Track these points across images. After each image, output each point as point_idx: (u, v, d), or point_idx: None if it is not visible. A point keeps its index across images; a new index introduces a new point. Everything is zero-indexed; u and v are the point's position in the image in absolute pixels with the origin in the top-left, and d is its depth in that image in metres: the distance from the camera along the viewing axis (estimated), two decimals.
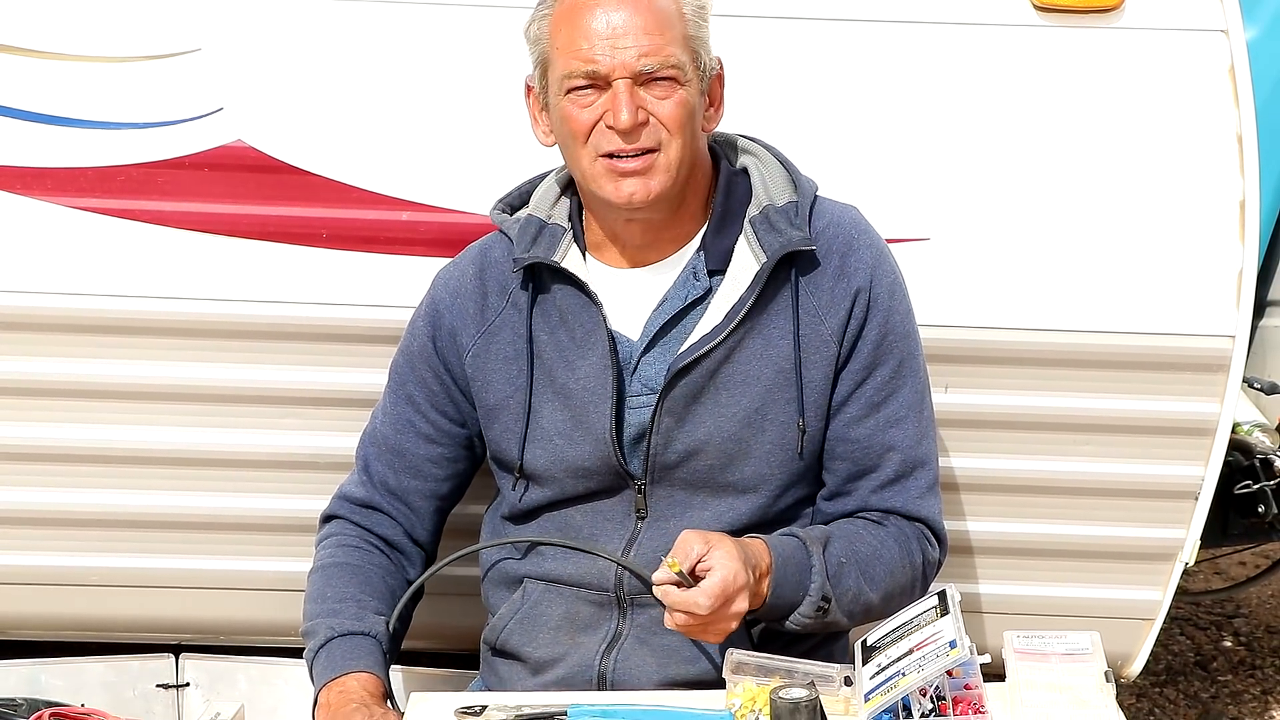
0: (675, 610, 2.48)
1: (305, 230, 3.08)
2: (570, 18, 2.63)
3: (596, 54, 2.60)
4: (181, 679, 3.37)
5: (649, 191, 2.64)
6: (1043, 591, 3.27)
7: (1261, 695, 4.71)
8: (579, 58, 2.61)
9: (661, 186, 2.64)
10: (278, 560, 3.20)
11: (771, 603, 2.60)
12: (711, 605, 2.46)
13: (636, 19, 2.59)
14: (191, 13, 3.07)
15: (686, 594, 2.47)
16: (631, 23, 2.59)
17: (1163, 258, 3.11)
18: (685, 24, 2.64)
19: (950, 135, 3.12)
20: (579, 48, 2.61)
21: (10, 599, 3.26)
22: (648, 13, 2.60)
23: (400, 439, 2.88)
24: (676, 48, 2.62)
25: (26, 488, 3.18)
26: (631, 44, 2.59)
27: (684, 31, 2.64)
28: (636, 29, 2.59)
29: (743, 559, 2.51)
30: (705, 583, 2.47)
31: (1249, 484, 3.64)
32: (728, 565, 2.48)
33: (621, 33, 2.59)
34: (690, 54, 2.64)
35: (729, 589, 2.48)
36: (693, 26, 2.65)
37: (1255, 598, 5.30)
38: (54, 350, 3.10)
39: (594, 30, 2.60)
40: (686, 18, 2.64)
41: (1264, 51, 3.43)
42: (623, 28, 2.59)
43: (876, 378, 2.75)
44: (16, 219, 3.05)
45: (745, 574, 2.50)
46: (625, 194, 2.64)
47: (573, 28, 2.62)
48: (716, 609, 2.47)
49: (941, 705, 2.28)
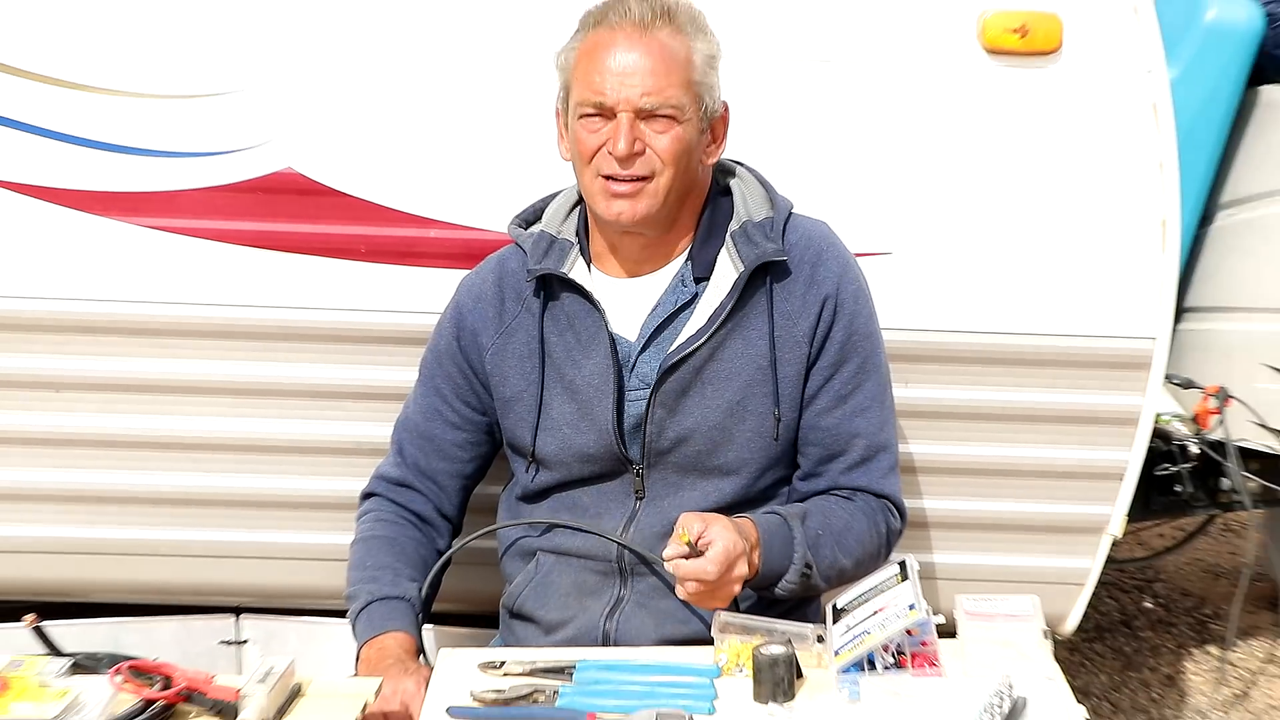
0: (687, 579, 2.50)
1: (346, 246, 3.09)
2: (592, 53, 2.65)
3: (606, 88, 2.62)
4: (241, 636, 3.38)
5: (635, 213, 2.66)
6: (990, 560, 3.29)
7: (1176, 649, 4.72)
8: (591, 89, 2.63)
9: (647, 210, 2.66)
10: (323, 533, 3.21)
11: (763, 572, 2.61)
12: (718, 571, 2.49)
13: (646, 61, 2.61)
14: (246, 56, 3.07)
15: (695, 563, 2.49)
16: (641, 64, 2.61)
17: (1095, 269, 3.13)
18: (692, 70, 2.65)
19: (911, 162, 3.13)
20: (593, 80, 2.63)
21: (96, 567, 3.27)
22: (657, 58, 2.62)
23: (430, 426, 2.90)
24: (679, 90, 2.63)
25: (114, 470, 3.19)
26: (637, 83, 2.61)
27: (689, 77, 2.65)
28: (644, 70, 2.61)
29: (737, 529, 2.54)
30: (710, 552, 2.49)
31: (1168, 467, 3.66)
32: (726, 536, 2.51)
33: (630, 72, 2.61)
34: (693, 96, 2.65)
35: (731, 555, 2.50)
36: (699, 73, 2.66)
37: (1172, 565, 5.31)
38: (139, 352, 3.11)
39: (608, 67, 2.62)
40: (694, 64, 2.65)
41: (1182, 90, 3.44)
42: (632, 68, 2.61)
43: (843, 373, 2.76)
44: (95, 237, 3.06)
45: (742, 543, 2.53)
46: (614, 212, 2.66)
47: (591, 62, 2.64)
48: (722, 574, 2.50)
49: (901, 659, 2.31)
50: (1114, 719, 4.28)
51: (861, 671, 2.30)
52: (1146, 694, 4.44)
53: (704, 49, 2.68)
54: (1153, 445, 3.38)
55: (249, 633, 3.39)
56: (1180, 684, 4.50)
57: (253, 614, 3.40)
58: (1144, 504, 3.72)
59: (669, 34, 2.64)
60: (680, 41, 2.65)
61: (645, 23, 2.63)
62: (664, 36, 2.63)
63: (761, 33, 3.11)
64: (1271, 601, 4.81)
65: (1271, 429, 3.81)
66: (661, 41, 2.63)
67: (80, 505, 3.22)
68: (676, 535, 2.50)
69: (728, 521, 2.56)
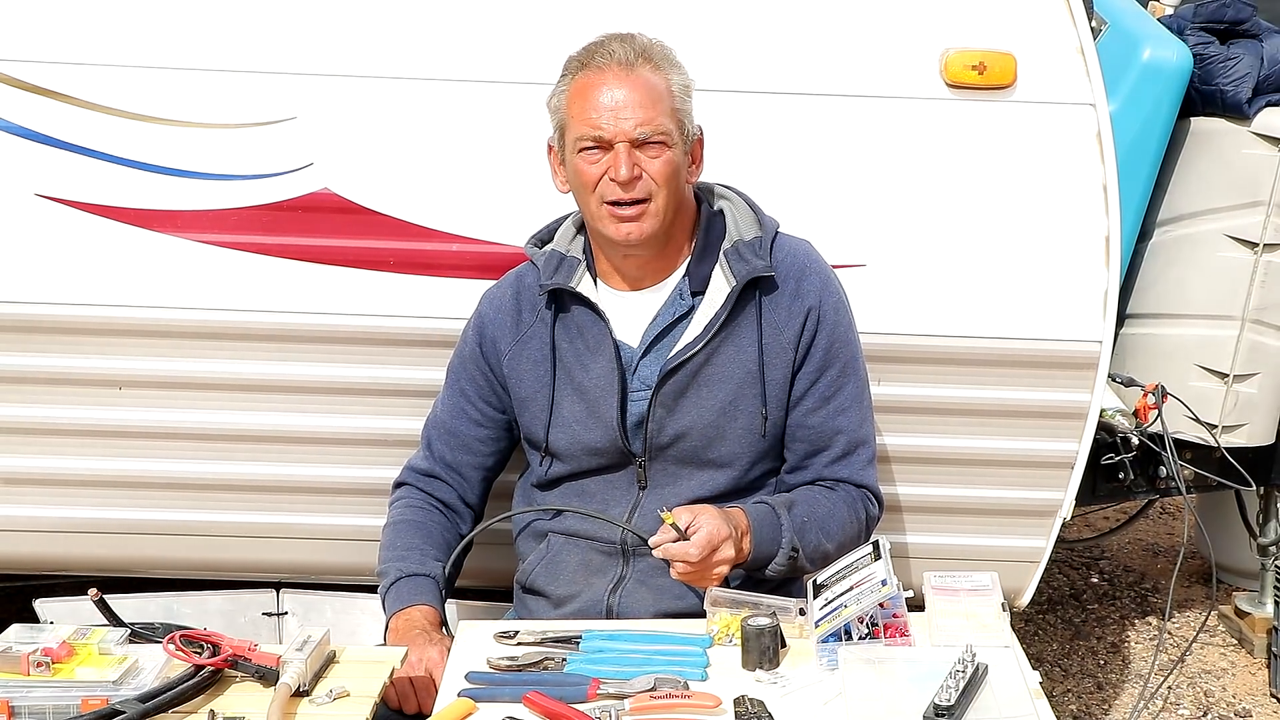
0: (674, 561, 2.50)
1: (377, 258, 3.07)
2: (583, 93, 2.64)
3: (603, 123, 2.61)
4: (281, 609, 3.36)
5: (642, 232, 2.65)
6: (954, 540, 3.27)
7: (1120, 619, 4.71)
8: (589, 125, 2.62)
9: (652, 228, 2.65)
10: (355, 516, 3.19)
11: (754, 556, 2.61)
12: (701, 553, 2.49)
13: (634, 95, 2.60)
14: (289, 89, 3.05)
15: (679, 545, 2.50)
16: (630, 98, 2.60)
17: (1046, 280, 3.12)
18: (673, 99, 2.65)
19: (883, 184, 3.11)
20: (589, 117, 2.62)
21: (152, 546, 3.26)
22: (643, 91, 2.61)
23: (455, 423, 2.89)
24: (665, 119, 2.63)
25: (170, 459, 3.18)
26: (630, 115, 2.60)
27: (671, 105, 2.64)
28: (634, 103, 2.60)
29: (724, 518, 2.54)
30: (694, 536, 2.50)
31: (1112, 456, 3.65)
32: (711, 523, 2.52)
33: (622, 106, 2.60)
34: (676, 123, 2.65)
35: (714, 539, 2.50)
36: (678, 101, 2.66)
37: (1116, 544, 5.30)
38: (196, 353, 3.10)
39: (601, 104, 2.61)
40: (674, 94, 2.65)
41: (1123, 120, 3.43)
42: (623, 102, 2.60)
43: (826, 377, 2.75)
44: (153, 251, 3.05)
45: (727, 529, 2.53)
46: (623, 233, 2.65)
47: (584, 101, 2.63)
48: (705, 557, 2.50)
49: (875, 630, 2.30)
50: (1064, 683, 4.27)
51: (839, 641, 2.29)
52: (1094, 660, 4.43)
53: (680, 80, 2.68)
54: (1098, 437, 3.36)
55: (289, 605, 3.37)
56: (1123, 651, 4.49)
57: (292, 589, 3.38)
58: (1091, 490, 3.72)
59: (649, 70, 2.63)
60: (660, 76, 2.64)
61: (628, 62, 2.62)
62: (645, 73, 2.63)
63: (755, 70, 3.09)
64: (1204, 577, 4.80)
65: (1203, 422, 3.81)
66: (644, 77, 2.62)
67: (141, 491, 3.21)
68: (663, 515, 2.51)
69: (716, 511, 2.56)
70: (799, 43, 3.11)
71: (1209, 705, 4.12)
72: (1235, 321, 3.82)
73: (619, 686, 2.20)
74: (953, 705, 2.01)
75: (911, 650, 2.28)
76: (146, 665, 2.19)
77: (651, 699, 2.15)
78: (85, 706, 2.07)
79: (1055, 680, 4.26)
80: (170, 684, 2.14)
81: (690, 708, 2.14)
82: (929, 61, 3.09)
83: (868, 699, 2.10)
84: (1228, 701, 4.14)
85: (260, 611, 3.36)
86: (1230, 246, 3.82)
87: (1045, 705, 2.14)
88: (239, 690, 2.21)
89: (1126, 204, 3.34)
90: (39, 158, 3.03)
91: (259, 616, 3.36)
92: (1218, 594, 4.44)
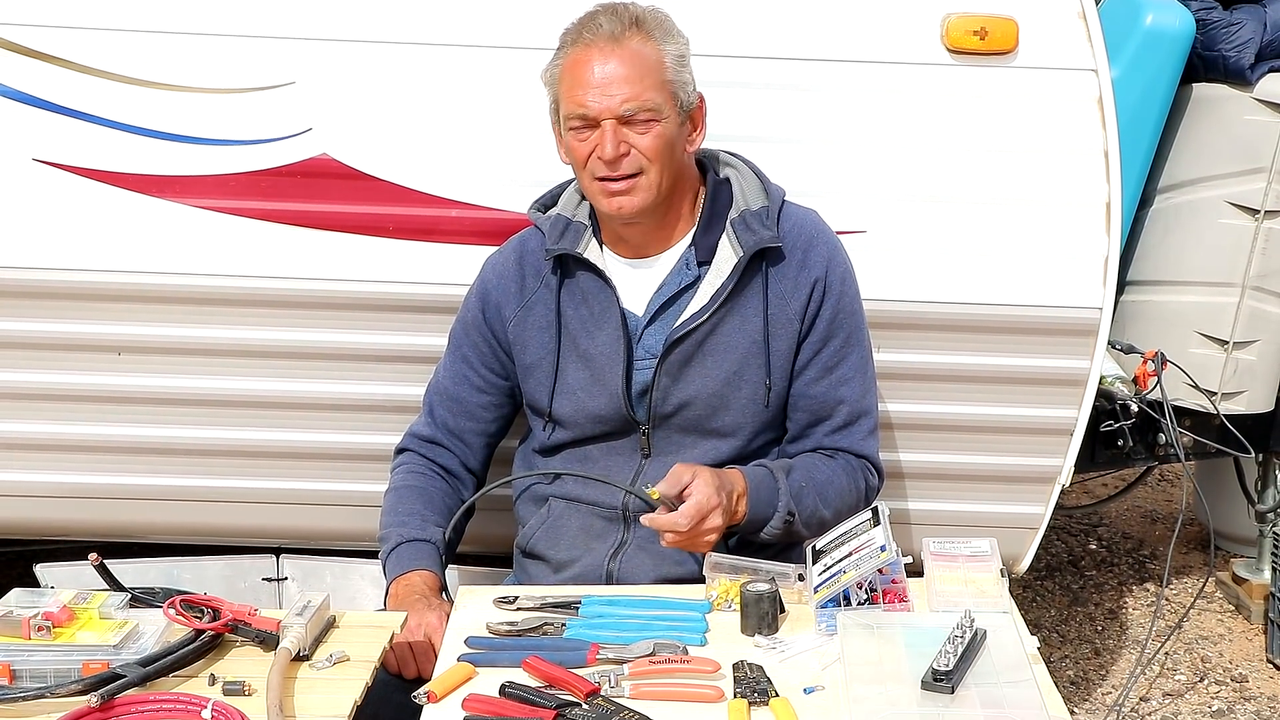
0: (663, 531, 2.51)
1: (376, 224, 3.06)
2: (572, 69, 2.63)
3: (589, 100, 2.60)
4: (281, 574, 3.37)
5: (633, 205, 2.65)
6: (953, 506, 3.27)
7: (1118, 586, 4.72)
8: (576, 102, 2.62)
9: (644, 201, 2.65)
10: (355, 482, 3.19)
11: (749, 518, 2.62)
12: (689, 524, 2.50)
13: (621, 70, 2.59)
14: (288, 55, 3.04)
15: (669, 516, 2.50)
16: (617, 74, 2.59)
17: (1047, 247, 3.11)
18: (665, 71, 2.63)
19: (884, 150, 3.10)
20: (576, 95, 2.62)
21: (152, 511, 3.26)
22: (631, 66, 2.60)
23: (457, 389, 2.89)
24: (654, 92, 2.61)
25: (169, 425, 3.18)
26: (616, 92, 2.59)
27: (663, 78, 2.63)
28: (620, 79, 2.59)
29: (717, 487, 2.54)
30: (683, 506, 2.50)
31: (1111, 423, 3.65)
32: (703, 491, 2.51)
33: (608, 82, 2.59)
34: (668, 95, 2.63)
35: (703, 509, 2.51)
36: (672, 73, 2.64)
37: (1115, 511, 5.31)
38: (193, 319, 3.10)
39: (587, 81, 2.60)
40: (666, 66, 2.63)
41: (1124, 86, 3.42)
42: (610, 78, 2.59)
43: (830, 347, 2.75)
44: (151, 217, 3.04)
45: (718, 498, 2.53)
46: (615, 207, 2.65)
47: (572, 78, 2.63)
48: (694, 526, 2.50)
49: (874, 596, 2.31)
50: (1062, 648, 4.29)
51: (838, 607, 2.29)
52: (1091, 626, 4.45)
53: (674, 50, 2.66)
54: (1098, 404, 3.37)
55: (288, 571, 3.37)
56: (1121, 617, 4.51)
57: (292, 554, 3.38)
58: (1090, 456, 3.72)
59: (639, 41, 2.62)
60: (651, 47, 2.62)
61: (616, 35, 2.61)
62: (635, 45, 2.61)
63: (756, 35, 3.08)
64: (1202, 543, 4.81)
65: (1203, 389, 3.81)
66: (633, 50, 2.61)
67: (140, 456, 3.21)
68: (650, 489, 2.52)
69: (711, 475, 2.56)
70: (800, 7, 3.09)
71: (1205, 670, 4.14)
72: (1235, 289, 3.82)
73: (618, 651, 2.20)
74: (951, 670, 2.02)
75: (910, 616, 2.28)
76: (147, 630, 2.19)
77: (651, 664, 2.16)
78: (86, 670, 2.08)
79: (1053, 646, 4.28)
80: (170, 648, 2.15)
81: (689, 672, 2.15)
82: (930, 26, 3.08)
83: (866, 664, 2.10)
84: (1224, 667, 4.15)
85: (260, 577, 3.37)
86: (1231, 213, 3.82)
87: (1043, 670, 2.15)
88: (239, 655, 2.21)
89: (1128, 170, 3.34)
90: (36, 122, 3.02)
91: (259, 582, 3.37)
92: (1215, 560, 4.45)
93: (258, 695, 2.06)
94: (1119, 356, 3.77)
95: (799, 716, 2.04)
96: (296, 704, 2.06)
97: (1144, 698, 3.99)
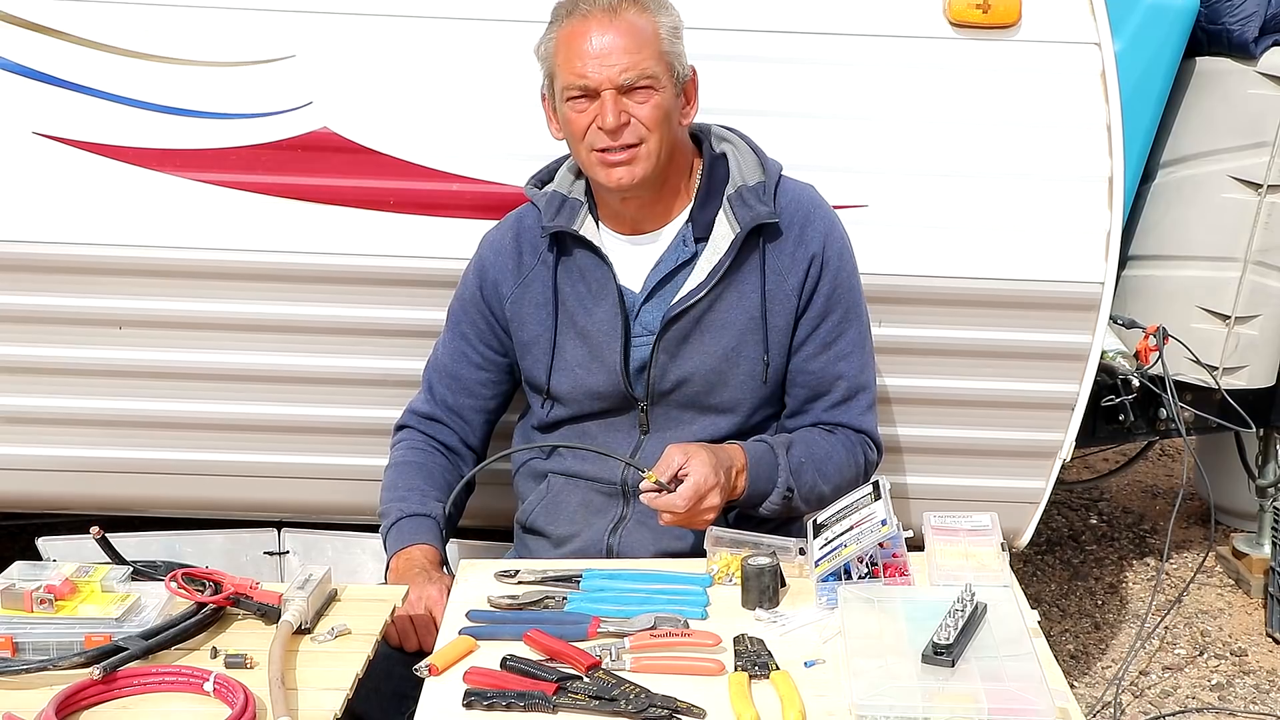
0: (661, 511, 2.52)
1: (376, 198, 3.06)
2: (569, 41, 2.62)
3: (588, 71, 2.59)
4: (283, 548, 3.37)
5: (634, 176, 2.64)
6: (954, 481, 3.28)
7: (1118, 560, 4.73)
8: (575, 74, 2.61)
9: (645, 171, 2.64)
10: (355, 456, 3.20)
11: (748, 493, 2.62)
12: (687, 504, 2.51)
13: (619, 41, 2.59)
14: (289, 28, 3.04)
15: (667, 497, 2.51)
16: (615, 44, 2.59)
17: (1049, 221, 3.11)
18: (661, 42, 2.63)
19: (886, 124, 3.10)
20: (575, 66, 2.61)
21: (154, 485, 3.27)
22: (628, 36, 2.59)
23: (456, 366, 2.89)
24: (652, 62, 2.61)
25: (171, 399, 3.19)
26: (615, 62, 2.58)
27: (659, 49, 2.62)
28: (619, 49, 2.59)
29: (714, 465, 2.54)
30: (681, 487, 2.51)
31: (1113, 398, 3.65)
32: (700, 471, 2.52)
33: (607, 53, 2.59)
34: (664, 66, 2.63)
35: (701, 489, 2.51)
36: (667, 44, 2.64)
37: (1115, 486, 5.31)
38: (193, 293, 3.10)
39: (586, 51, 2.59)
40: (662, 37, 2.63)
41: (1127, 60, 3.41)
42: (608, 49, 2.59)
43: (828, 323, 2.75)
44: (152, 191, 3.04)
45: (716, 477, 2.53)
46: (615, 179, 2.64)
47: (570, 49, 2.62)
48: (692, 506, 2.51)
49: (874, 570, 2.30)
50: (1062, 623, 4.29)
51: (839, 580, 2.29)
52: (1091, 600, 4.45)
53: (668, 22, 2.66)
54: (1099, 379, 3.37)
55: (290, 544, 3.38)
56: (1121, 592, 4.51)
57: (294, 528, 3.39)
58: (1091, 431, 3.73)
59: (635, 13, 2.61)
60: (646, 19, 2.62)
61: (613, 7, 2.60)
62: (631, 16, 2.61)
63: (755, 7, 3.08)
64: (1203, 518, 4.81)
65: (1204, 364, 3.80)
66: (630, 21, 2.60)
67: (142, 430, 3.22)
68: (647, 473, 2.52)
69: (707, 454, 2.56)
70: None
71: (1205, 645, 4.14)
72: (1238, 263, 3.81)
73: (619, 625, 2.20)
74: (951, 644, 2.02)
75: (911, 590, 2.29)
76: (149, 603, 2.19)
77: (652, 637, 2.16)
78: (89, 643, 2.08)
79: (1053, 620, 4.28)
80: (172, 621, 2.15)
81: (690, 646, 2.15)
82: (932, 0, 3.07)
83: (867, 638, 2.10)
84: (1224, 641, 4.16)
85: (262, 550, 3.38)
86: (1234, 188, 3.81)
87: (1043, 644, 2.15)
88: (241, 628, 2.22)
89: (1130, 144, 3.33)
90: (37, 96, 3.02)
91: (260, 555, 3.38)
92: (1216, 535, 4.45)
93: (259, 668, 2.06)
94: (1121, 331, 3.77)
95: (800, 690, 2.04)
96: (298, 677, 2.07)
97: (1144, 671, 3.99)
